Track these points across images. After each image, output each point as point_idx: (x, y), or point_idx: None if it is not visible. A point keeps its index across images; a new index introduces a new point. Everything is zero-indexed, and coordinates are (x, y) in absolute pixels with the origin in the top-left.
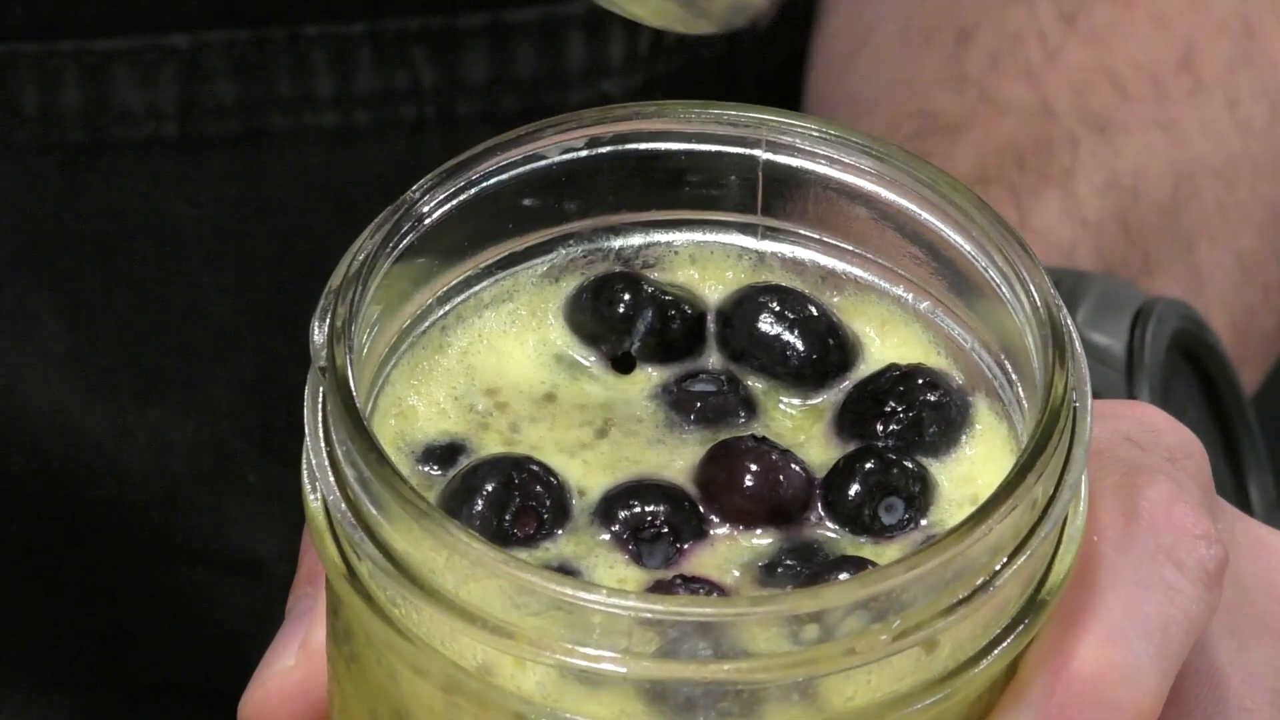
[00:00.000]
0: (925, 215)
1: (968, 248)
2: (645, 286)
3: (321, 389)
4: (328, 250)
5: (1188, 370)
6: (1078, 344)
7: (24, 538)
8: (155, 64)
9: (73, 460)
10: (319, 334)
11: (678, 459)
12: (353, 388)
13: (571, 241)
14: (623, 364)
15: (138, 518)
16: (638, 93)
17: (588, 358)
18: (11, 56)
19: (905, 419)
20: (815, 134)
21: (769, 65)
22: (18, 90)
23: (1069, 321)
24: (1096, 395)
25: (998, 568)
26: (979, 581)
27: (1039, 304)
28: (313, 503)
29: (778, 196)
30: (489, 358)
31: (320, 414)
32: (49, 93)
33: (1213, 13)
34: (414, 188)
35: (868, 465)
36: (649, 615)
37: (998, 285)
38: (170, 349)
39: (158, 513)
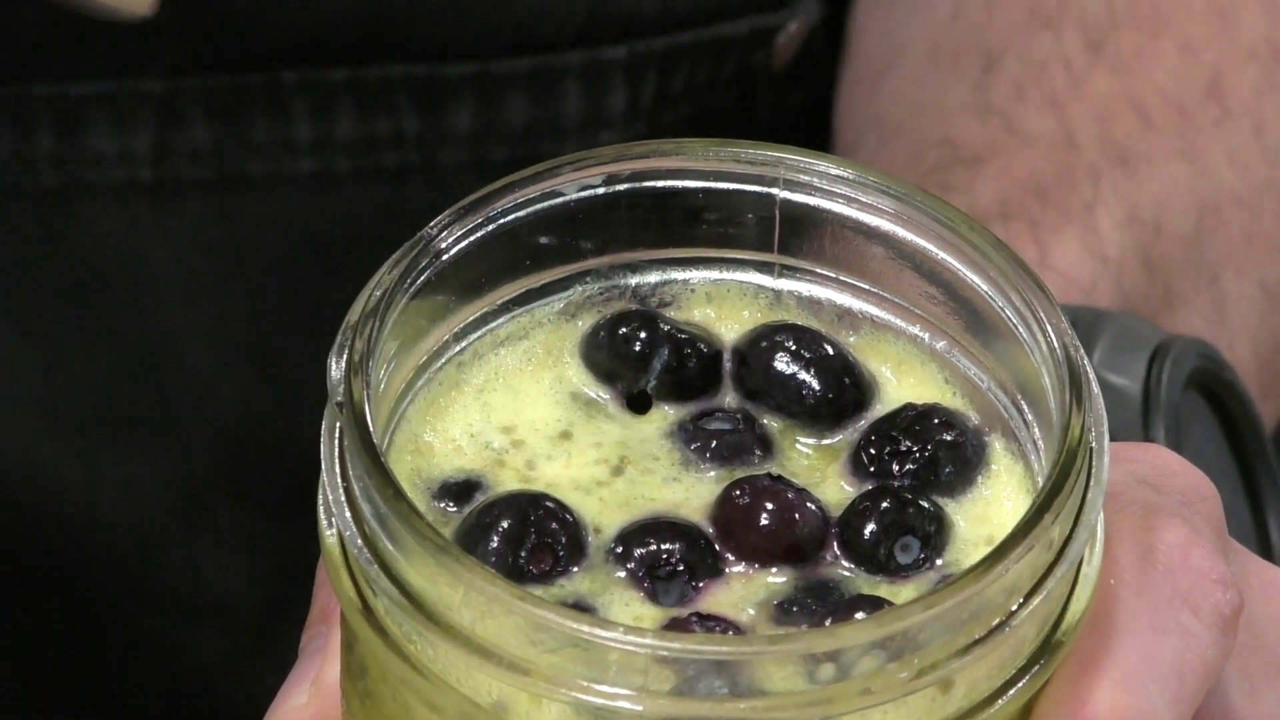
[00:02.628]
0: (942, 255)
1: (985, 287)
2: (661, 325)
3: (338, 424)
4: (305, 297)
5: (1207, 408)
6: (1095, 385)
7: None
8: (130, 109)
9: (45, 504)
10: (336, 369)
11: (693, 497)
12: (370, 423)
13: (588, 279)
14: (638, 404)
15: (110, 562)
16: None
17: (604, 396)
18: None
19: (921, 458)
20: (832, 173)
21: (788, 111)
22: None
23: (1086, 362)
24: (1111, 437)
25: (1014, 608)
26: (995, 622)
27: (1056, 345)
28: (329, 538)
29: (794, 235)
30: (505, 395)
31: (337, 449)
32: (22, 137)
33: (1241, 39)
34: (432, 224)
35: (884, 504)
36: (665, 653)
37: (1015, 326)
38: (144, 394)
39: (130, 557)
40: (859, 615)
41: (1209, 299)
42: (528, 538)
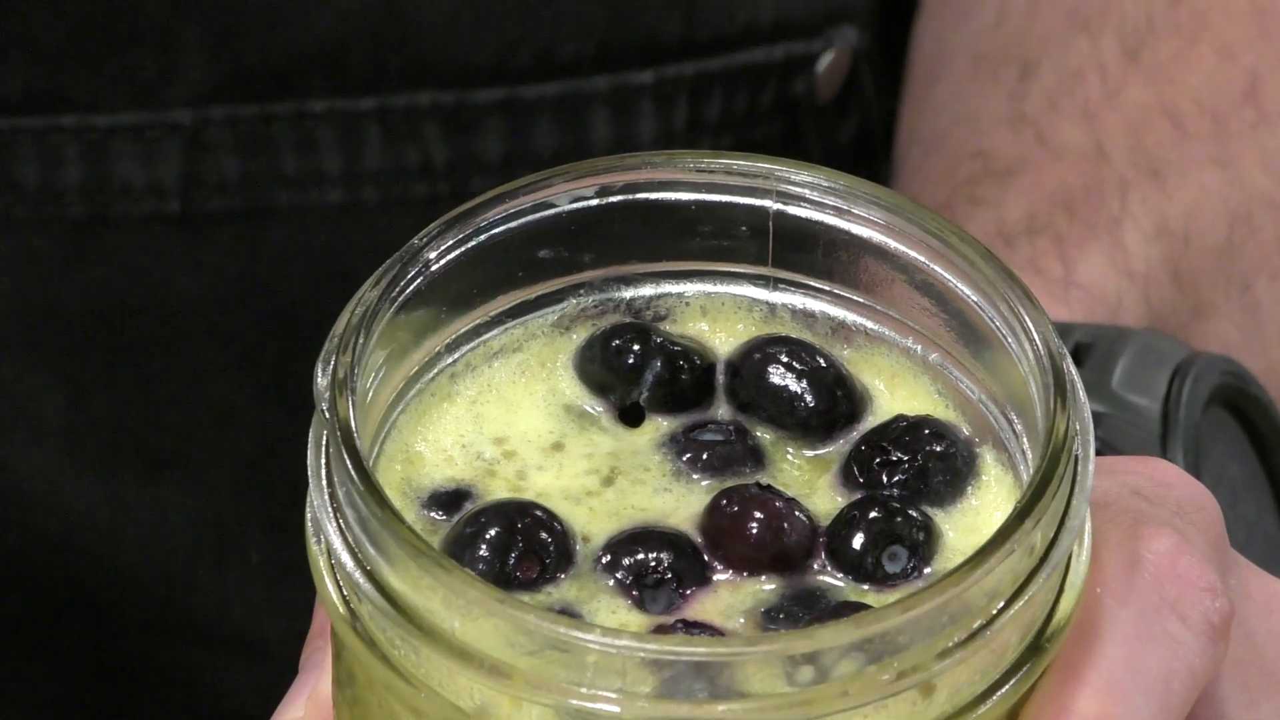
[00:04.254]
0: (933, 266)
1: (974, 298)
2: (654, 338)
3: (324, 434)
4: (332, 327)
5: (1233, 425)
6: (1081, 392)
7: (21, 615)
8: (157, 140)
9: (70, 538)
10: (322, 378)
11: (683, 507)
12: (354, 429)
13: (582, 291)
14: (631, 416)
15: (137, 596)
16: None
17: (596, 408)
18: (12, 132)
19: (911, 469)
20: (825, 185)
21: (838, 145)
22: (18, 165)
23: (1072, 369)
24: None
25: (995, 612)
26: (975, 625)
27: (1042, 350)
28: (315, 548)
29: (789, 248)
30: (498, 407)
31: (323, 458)
32: (50, 168)
33: None
34: (419, 235)
35: (872, 513)
36: (644, 655)
37: (1003, 335)
38: (171, 426)
39: (158, 592)
40: None
41: (1241, 307)
42: (515, 545)
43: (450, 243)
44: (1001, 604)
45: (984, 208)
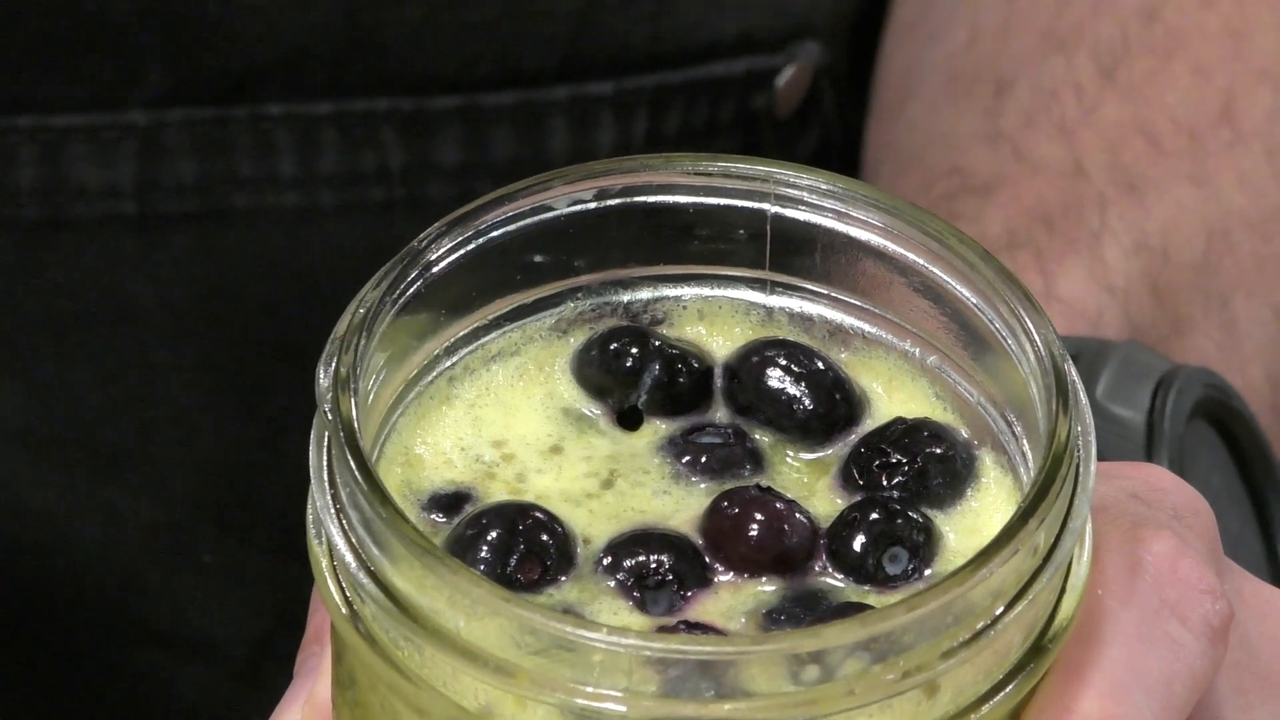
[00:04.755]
0: (932, 268)
1: (974, 300)
2: (652, 341)
3: (326, 434)
4: (289, 331)
5: (1215, 438)
6: (1082, 394)
7: None
8: (114, 141)
9: (24, 539)
10: (324, 378)
11: (683, 510)
12: (357, 430)
13: (579, 295)
14: (629, 420)
15: (91, 599)
16: None
17: (595, 411)
18: None
19: (910, 471)
20: (823, 187)
21: (796, 160)
22: None
23: (1073, 371)
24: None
25: (998, 612)
26: (979, 625)
27: (1043, 352)
28: (317, 548)
29: (786, 251)
30: (496, 410)
31: (325, 459)
32: (5, 169)
33: (1254, 60)
34: (419, 237)
35: (872, 515)
36: (650, 654)
37: (1003, 337)
38: (126, 428)
39: (112, 594)
40: None
41: (1219, 324)
42: (516, 547)
43: (451, 245)
44: (1005, 604)
45: (963, 222)
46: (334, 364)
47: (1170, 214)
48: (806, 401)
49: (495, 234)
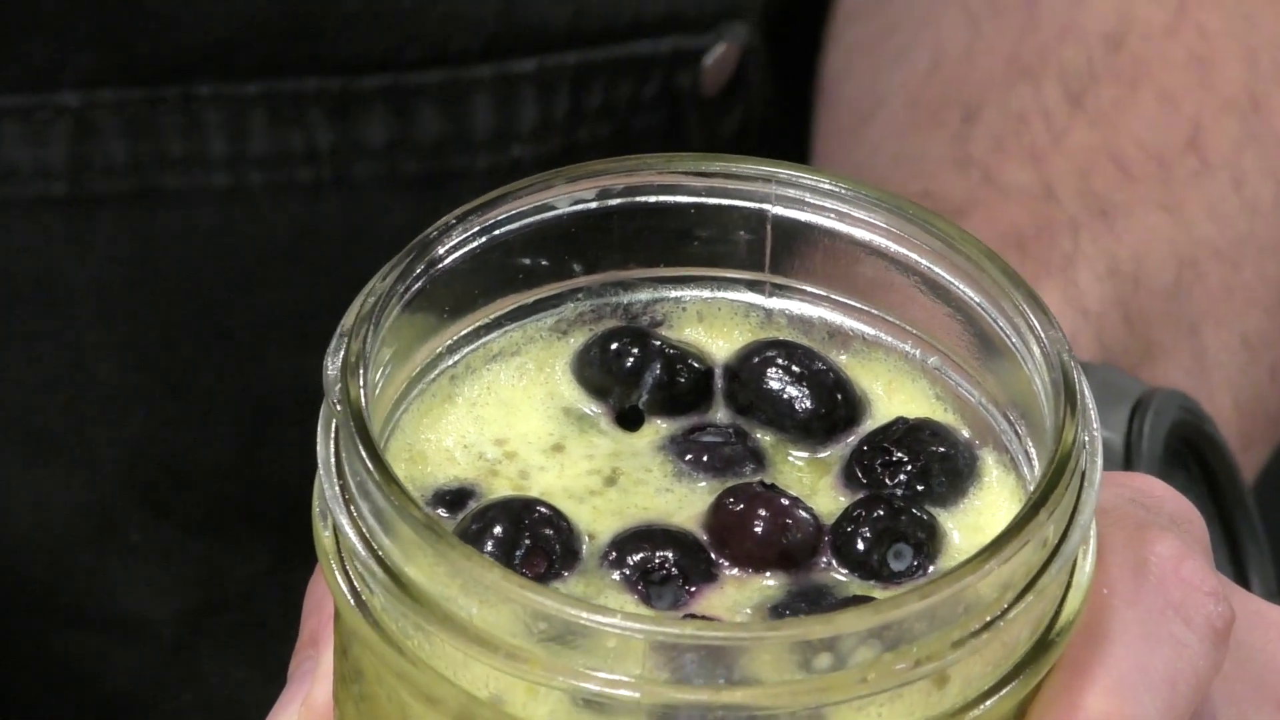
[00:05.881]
0: (935, 268)
1: (977, 298)
2: (653, 341)
3: (334, 423)
4: (220, 313)
5: (1188, 461)
6: (1087, 389)
7: None
8: (45, 122)
9: None
10: (332, 368)
11: (686, 507)
12: (367, 419)
13: (580, 296)
14: (629, 420)
15: (21, 579)
16: (554, 159)
17: (596, 411)
18: None
19: (913, 469)
20: (825, 188)
21: (720, 138)
22: None
23: (1079, 367)
24: None
25: (1008, 604)
26: (989, 617)
27: (1049, 350)
28: (324, 537)
29: (786, 252)
30: (497, 409)
31: (333, 448)
32: None
33: (1220, 89)
34: (427, 231)
35: (877, 511)
36: (663, 639)
37: (1007, 335)
38: (56, 408)
39: (41, 575)
40: None
41: (1189, 351)
42: (521, 542)
43: (456, 240)
44: (1014, 595)
45: None
46: (342, 354)
47: (1141, 240)
48: (807, 401)
49: (499, 232)
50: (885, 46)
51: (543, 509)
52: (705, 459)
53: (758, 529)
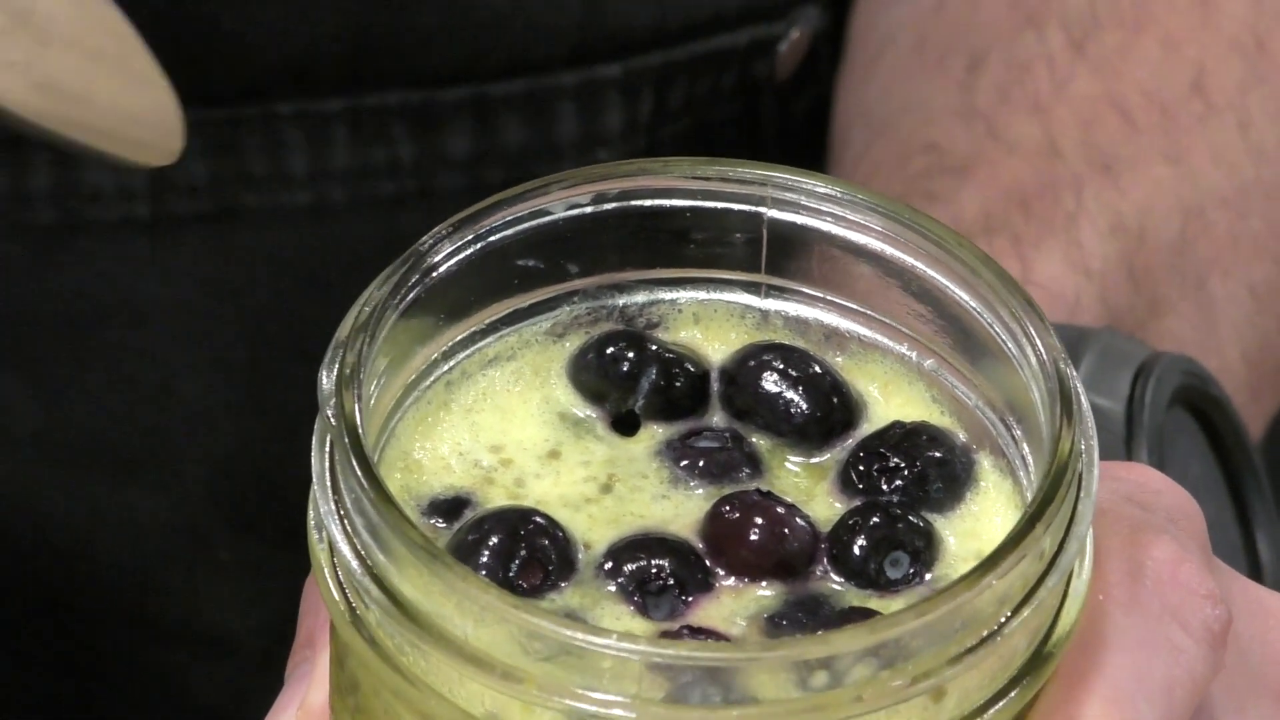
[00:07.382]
0: (930, 272)
1: (973, 304)
2: (649, 345)
3: (329, 437)
4: (301, 328)
5: (1193, 425)
6: (1084, 399)
7: None
8: None
9: (43, 542)
10: (327, 381)
11: (682, 514)
12: (361, 434)
13: (576, 299)
14: (626, 425)
15: (110, 599)
16: (641, 157)
17: (592, 416)
18: None
19: (909, 475)
20: (820, 191)
21: (794, 118)
22: None
23: (1075, 376)
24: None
25: (1004, 618)
26: (986, 631)
27: (1045, 359)
28: (320, 551)
29: (782, 255)
30: (493, 415)
31: (328, 462)
32: (20, 174)
33: (1223, 30)
34: (423, 239)
35: (873, 519)
36: (659, 660)
37: (1004, 341)
38: (142, 429)
39: (131, 594)
40: None
41: (1195, 305)
42: (517, 552)
43: (452, 248)
44: (1011, 609)
45: (940, 204)
46: (337, 367)
47: (1146, 194)
48: (803, 405)
49: (494, 238)
50: None
51: (539, 519)
52: (701, 465)
53: (754, 538)
